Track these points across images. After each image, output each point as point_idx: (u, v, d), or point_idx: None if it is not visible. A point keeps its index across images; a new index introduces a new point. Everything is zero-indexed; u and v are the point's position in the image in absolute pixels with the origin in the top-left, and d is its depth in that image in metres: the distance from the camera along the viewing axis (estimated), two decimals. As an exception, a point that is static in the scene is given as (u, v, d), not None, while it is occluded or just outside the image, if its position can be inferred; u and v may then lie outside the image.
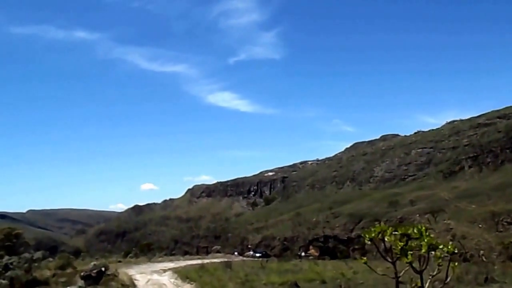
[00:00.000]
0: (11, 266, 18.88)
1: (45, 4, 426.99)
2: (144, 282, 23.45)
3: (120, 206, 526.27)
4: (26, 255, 20.92)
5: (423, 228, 3.38)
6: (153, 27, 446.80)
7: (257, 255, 64.23)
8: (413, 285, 3.75)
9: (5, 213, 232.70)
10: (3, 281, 18.06)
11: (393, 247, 3.46)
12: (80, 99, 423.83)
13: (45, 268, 25.91)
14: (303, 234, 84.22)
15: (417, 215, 67.45)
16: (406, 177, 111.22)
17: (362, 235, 3.65)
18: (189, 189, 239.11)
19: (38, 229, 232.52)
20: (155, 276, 27.06)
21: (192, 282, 22.77)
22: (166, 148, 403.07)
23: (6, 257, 20.05)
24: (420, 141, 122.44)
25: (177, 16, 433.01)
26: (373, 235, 3.52)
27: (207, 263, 35.30)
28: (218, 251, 72.48)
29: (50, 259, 42.04)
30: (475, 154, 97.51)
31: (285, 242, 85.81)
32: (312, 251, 75.46)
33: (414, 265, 3.55)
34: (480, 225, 54.44)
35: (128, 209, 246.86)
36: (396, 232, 3.50)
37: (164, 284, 22.86)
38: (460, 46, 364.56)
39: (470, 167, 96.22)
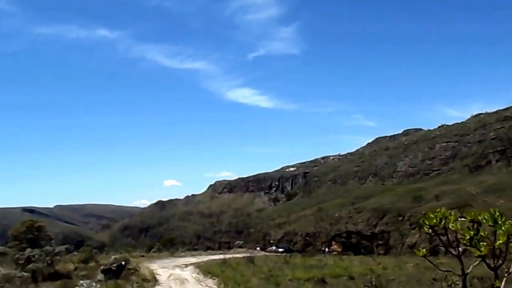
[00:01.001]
0: (33, 259, 18.86)
1: (68, 4, 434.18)
2: (166, 277, 23.22)
3: (143, 201, 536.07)
4: (48, 248, 20.92)
5: (497, 213, 2.70)
6: (171, 24, 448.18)
7: (280, 250, 63.72)
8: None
9: (33, 208, 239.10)
10: (25, 274, 18.04)
11: (460, 237, 2.80)
12: (102, 97, 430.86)
13: (68, 262, 26.02)
14: (326, 229, 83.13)
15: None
16: (430, 171, 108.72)
17: (421, 221, 2.98)
18: (211, 185, 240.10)
19: (65, 224, 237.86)
20: (177, 271, 26.87)
21: (214, 277, 22.37)
22: (188, 145, 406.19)
23: (29, 250, 20.08)
24: (445, 135, 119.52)
25: (195, 12, 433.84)
26: (434, 221, 2.84)
27: (230, 258, 34.91)
28: (240, 246, 72.23)
29: (75, 253, 42.58)
30: (502, 148, 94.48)
31: (307, 238, 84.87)
32: (335, 246, 74.46)
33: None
34: (510, 221, 52.54)
35: (152, 204, 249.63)
36: (463, 218, 2.84)
37: (186, 279, 22.54)
38: (485, 37, 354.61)
39: (497, 161, 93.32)
